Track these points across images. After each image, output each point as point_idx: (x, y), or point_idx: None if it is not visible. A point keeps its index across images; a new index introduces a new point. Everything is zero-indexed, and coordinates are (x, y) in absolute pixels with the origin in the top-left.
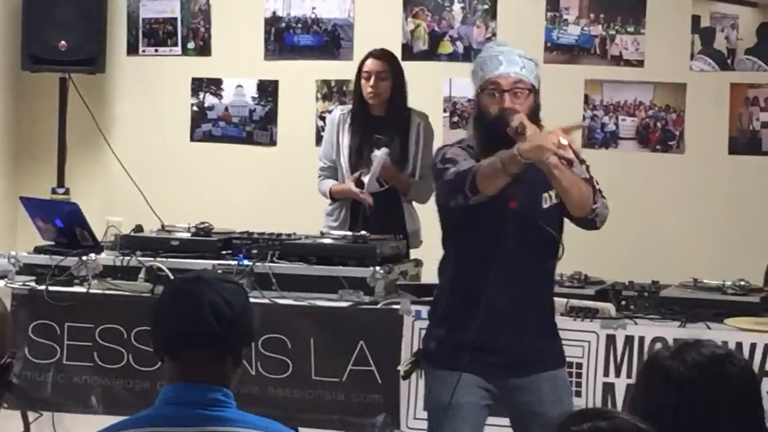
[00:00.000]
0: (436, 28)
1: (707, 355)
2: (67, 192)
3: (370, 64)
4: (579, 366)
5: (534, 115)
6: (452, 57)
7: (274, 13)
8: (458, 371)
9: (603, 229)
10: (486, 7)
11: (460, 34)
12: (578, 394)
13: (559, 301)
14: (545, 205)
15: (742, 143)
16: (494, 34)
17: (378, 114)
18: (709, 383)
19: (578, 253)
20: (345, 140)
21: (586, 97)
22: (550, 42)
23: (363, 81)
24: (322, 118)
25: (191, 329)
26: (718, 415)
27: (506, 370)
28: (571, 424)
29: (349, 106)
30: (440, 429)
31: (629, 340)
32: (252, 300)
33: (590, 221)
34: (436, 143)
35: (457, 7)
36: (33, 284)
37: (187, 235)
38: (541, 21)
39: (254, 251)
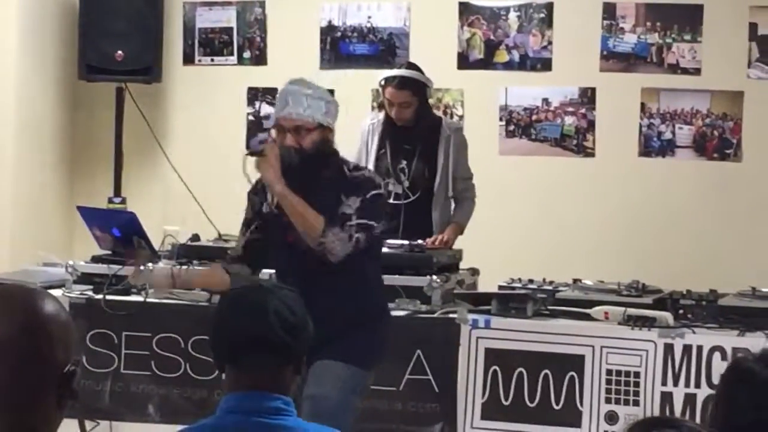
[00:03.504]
0: (492, 37)
1: None
2: (123, 201)
3: (391, 94)
4: (637, 375)
5: (321, 149)
6: (508, 66)
7: (329, 22)
8: None
9: (660, 238)
10: (542, 15)
11: (516, 43)
12: (636, 403)
13: (617, 310)
14: None
15: None
16: (550, 43)
17: (407, 125)
18: None
19: (636, 262)
20: (373, 149)
21: (643, 105)
22: (606, 50)
23: (387, 105)
24: None
25: (257, 337)
26: None
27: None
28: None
29: (380, 116)
30: None
31: (687, 349)
32: None
33: (321, 252)
34: (490, 152)
35: (512, 15)
36: (90, 293)
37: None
38: (598, 29)
39: None
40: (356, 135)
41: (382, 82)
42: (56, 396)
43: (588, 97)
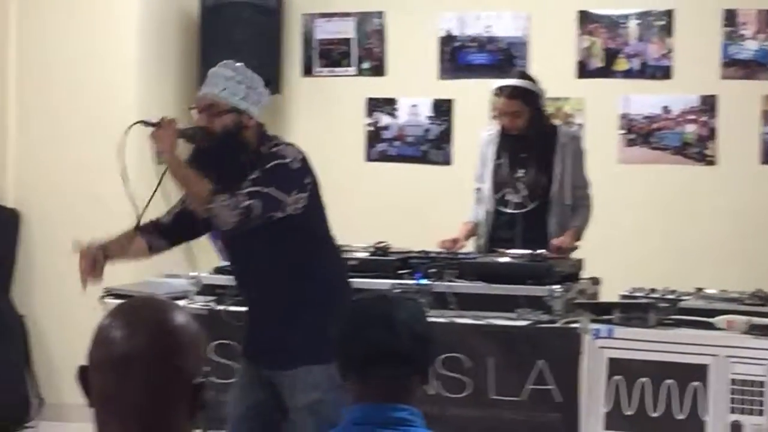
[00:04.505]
0: (612, 45)
1: None
2: None
3: (502, 104)
4: (761, 384)
5: (233, 134)
6: (628, 74)
7: (448, 32)
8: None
9: None
10: (662, 23)
11: (636, 51)
12: (761, 412)
13: (741, 319)
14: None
15: None
16: (670, 51)
17: (522, 133)
18: None
19: (759, 270)
20: (490, 160)
21: (765, 112)
22: (727, 58)
23: (499, 114)
24: None
25: (385, 348)
26: None
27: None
28: None
29: (497, 126)
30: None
31: None
32: (430, 319)
33: (210, 218)
34: (610, 161)
35: (632, 23)
36: (213, 304)
37: (364, 255)
38: (718, 36)
39: (432, 270)
40: (476, 145)
41: (495, 92)
42: (187, 407)
43: (709, 105)
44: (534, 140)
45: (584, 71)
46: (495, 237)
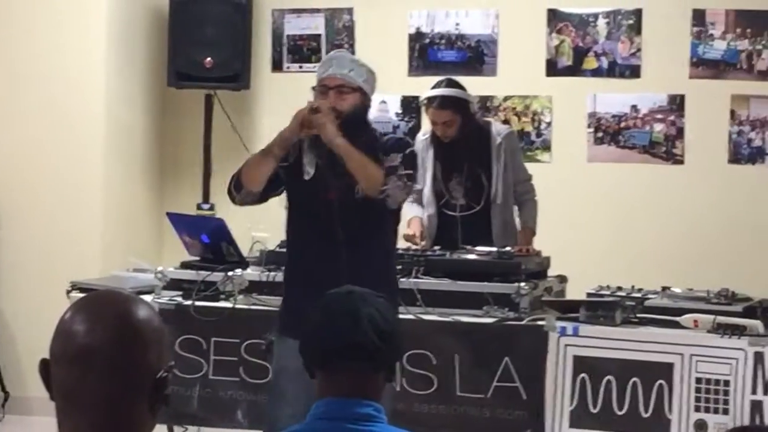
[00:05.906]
0: (581, 44)
1: None
2: (212, 208)
3: (433, 114)
4: (726, 383)
5: (359, 113)
6: (597, 73)
7: (417, 29)
8: (284, 336)
9: (750, 245)
10: (630, 22)
11: (604, 50)
12: (725, 411)
13: (706, 318)
14: (358, 195)
15: None
16: (639, 50)
17: (455, 139)
18: None
19: (725, 269)
20: (429, 165)
21: (733, 112)
22: (695, 57)
23: (431, 124)
24: None
25: (350, 343)
26: None
27: None
28: None
29: (430, 131)
30: (271, 390)
31: None
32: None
33: (382, 201)
34: (578, 159)
35: (601, 22)
36: (179, 299)
37: None
38: (687, 36)
39: (399, 267)
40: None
41: (424, 102)
42: (149, 402)
43: (677, 104)
44: (467, 145)
45: (553, 69)
46: (440, 238)
